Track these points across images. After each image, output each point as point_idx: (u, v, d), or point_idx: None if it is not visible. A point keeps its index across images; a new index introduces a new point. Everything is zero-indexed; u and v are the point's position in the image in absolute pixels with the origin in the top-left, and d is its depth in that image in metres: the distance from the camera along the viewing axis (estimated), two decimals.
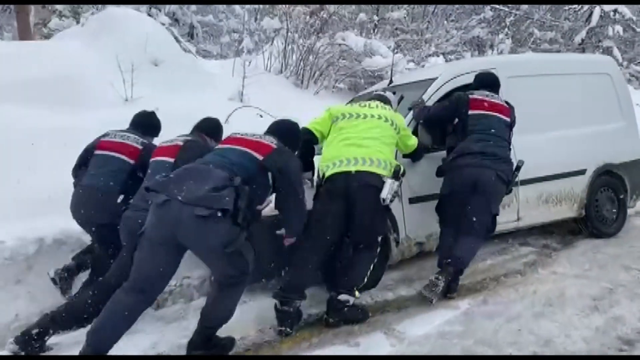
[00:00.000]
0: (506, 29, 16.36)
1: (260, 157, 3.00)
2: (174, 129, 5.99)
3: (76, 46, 6.74)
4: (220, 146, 3.28)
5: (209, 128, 3.85)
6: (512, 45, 15.88)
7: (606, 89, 5.54)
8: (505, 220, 4.48)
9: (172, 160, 3.35)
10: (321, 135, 3.77)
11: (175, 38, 10.44)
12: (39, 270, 3.68)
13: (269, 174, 3.02)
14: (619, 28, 15.77)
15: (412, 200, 4.14)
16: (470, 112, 3.99)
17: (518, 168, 3.86)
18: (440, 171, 4.05)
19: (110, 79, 6.20)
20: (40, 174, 4.62)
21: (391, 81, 5.28)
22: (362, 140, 3.53)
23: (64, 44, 6.85)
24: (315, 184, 3.68)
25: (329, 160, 3.54)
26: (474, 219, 3.75)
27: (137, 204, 3.24)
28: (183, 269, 4.24)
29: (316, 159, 3.85)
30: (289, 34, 9.32)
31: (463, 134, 3.98)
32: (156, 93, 6.64)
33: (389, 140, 3.63)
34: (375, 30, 13.83)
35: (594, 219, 5.25)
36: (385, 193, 3.39)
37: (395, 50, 11.72)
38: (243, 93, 7.41)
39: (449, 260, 3.70)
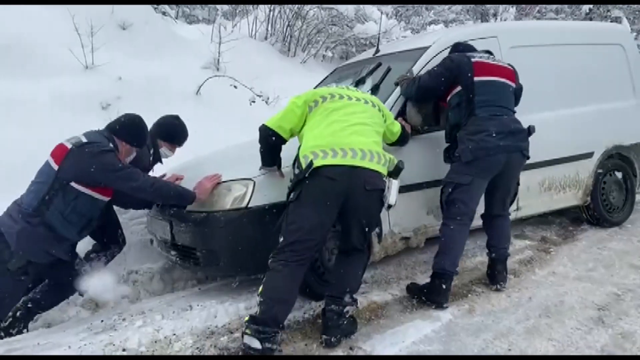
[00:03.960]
0: None
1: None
2: (137, 100, 5.52)
3: (32, 6, 6.07)
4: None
5: (124, 131, 3.25)
6: (517, 14, 15.12)
7: (617, 62, 4.96)
8: None
9: (55, 166, 2.98)
10: (290, 133, 2.92)
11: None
12: None
13: None
14: None
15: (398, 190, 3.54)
16: (475, 78, 3.35)
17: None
18: (450, 157, 3.47)
19: (69, 43, 5.58)
20: None
21: (377, 50, 4.65)
22: (357, 126, 2.76)
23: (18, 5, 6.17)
24: (292, 176, 2.80)
25: (318, 147, 2.66)
26: (506, 201, 3.54)
27: None
28: (131, 261, 3.77)
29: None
30: None
31: (469, 108, 3.34)
32: (121, 59, 6.05)
33: (379, 128, 2.95)
34: None
35: (600, 207, 4.76)
36: (393, 199, 2.80)
37: (392, 17, 11.03)
38: (219, 61, 6.77)
39: (497, 252, 3.47)
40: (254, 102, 6.24)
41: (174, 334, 2.80)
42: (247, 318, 2.53)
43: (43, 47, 5.52)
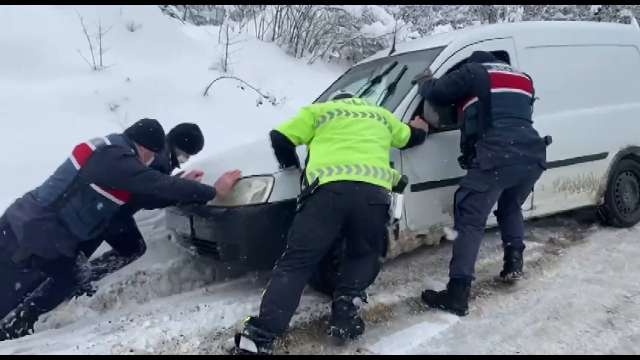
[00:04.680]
0: None
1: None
2: (145, 101, 5.54)
3: (39, 7, 6.10)
4: None
5: (142, 136, 3.26)
6: (524, 14, 15.07)
7: (632, 63, 4.95)
8: None
9: (77, 166, 2.99)
10: (298, 141, 3.00)
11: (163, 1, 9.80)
12: None
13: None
14: None
15: (414, 188, 3.55)
16: (492, 90, 3.35)
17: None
18: (468, 163, 3.47)
19: (77, 44, 5.60)
20: None
21: (393, 49, 4.66)
22: (362, 143, 2.85)
23: (25, 5, 6.21)
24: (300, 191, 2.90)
25: (324, 164, 2.77)
26: (519, 202, 3.59)
27: None
28: (139, 262, 3.78)
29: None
30: None
31: (486, 119, 3.34)
32: (129, 61, 6.06)
33: (385, 142, 3.02)
34: None
35: (614, 207, 4.75)
36: (399, 213, 2.85)
37: (399, 18, 11.02)
38: (227, 62, 6.79)
39: (512, 241, 3.51)
40: (260, 103, 6.26)
41: (182, 335, 2.82)
42: (246, 319, 2.54)
43: (51, 48, 5.53)
